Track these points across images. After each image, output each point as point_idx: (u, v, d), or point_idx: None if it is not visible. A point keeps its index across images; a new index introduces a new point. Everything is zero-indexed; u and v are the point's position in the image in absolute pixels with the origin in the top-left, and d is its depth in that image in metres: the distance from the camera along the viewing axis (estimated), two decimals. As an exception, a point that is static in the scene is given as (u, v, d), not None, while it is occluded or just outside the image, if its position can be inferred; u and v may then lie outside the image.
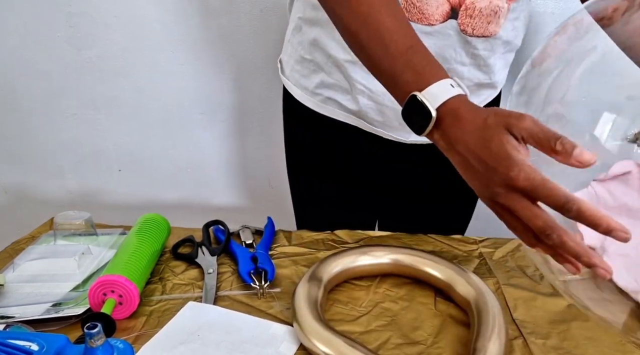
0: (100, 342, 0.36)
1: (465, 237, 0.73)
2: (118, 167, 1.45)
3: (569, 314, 0.55)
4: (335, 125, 0.74)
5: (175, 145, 1.40)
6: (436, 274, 0.59)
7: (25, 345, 0.38)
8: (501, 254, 0.69)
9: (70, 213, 0.70)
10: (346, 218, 0.80)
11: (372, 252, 0.62)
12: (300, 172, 0.84)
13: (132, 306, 0.54)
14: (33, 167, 1.46)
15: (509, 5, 0.63)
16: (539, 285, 0.61)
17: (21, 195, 1.50)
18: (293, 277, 0.63)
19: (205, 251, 0.67)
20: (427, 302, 0.58)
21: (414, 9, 0.61)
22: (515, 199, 0.39)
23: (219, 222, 0.74)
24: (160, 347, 0.50)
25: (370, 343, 0.51)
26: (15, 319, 0.51)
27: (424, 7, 0.60)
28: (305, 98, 0.74)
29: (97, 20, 1.25)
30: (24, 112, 1.37)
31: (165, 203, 1.48)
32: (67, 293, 0.56)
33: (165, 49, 1.28)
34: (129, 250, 0.60)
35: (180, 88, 1.31)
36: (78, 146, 1.42)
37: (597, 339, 0.51)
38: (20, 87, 1.34)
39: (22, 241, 0.71)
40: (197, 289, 0.60)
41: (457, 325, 0.54)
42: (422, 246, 0.71)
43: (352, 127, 0.74)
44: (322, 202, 0.84)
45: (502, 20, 0.63)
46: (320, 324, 0.49)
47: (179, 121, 1.35)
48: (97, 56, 1.29)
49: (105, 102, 1.35)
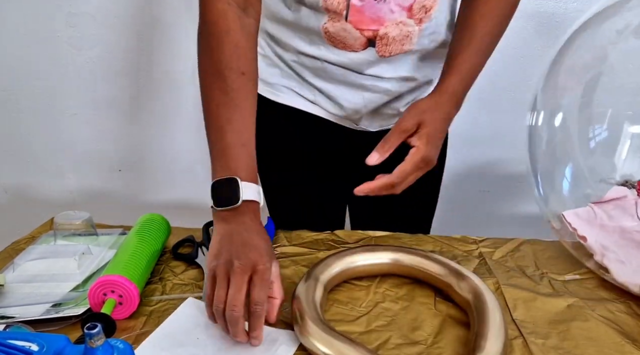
0: (100, 343, 0.36)
1: (465, 237, 0.73)
2: (118, 167, 1.45)
3: (569, 314, 0.55)
4: (297, 114, 0.78)
5: (175, 145, 1.40)
6: (436, 274, 0.59)
7: (25, 345, 0.38)
8: (501, 254, 0.69)
9: (70, 213, 0.70)
10: (317, 205, 0.84)
11: (372, 252, 0.62)
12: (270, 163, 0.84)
13: (132, 306, 0.54)
14: (33, 167, 1.46)
15: (420, 26, 0.68)
16: (539, 285, 0.61)
17: (21, 195, 1.50)
18: (293, 277, 0.63)
19: (205, 251, 0.67)
20: (427, 302, 0.58)
21: (336, 40, 0.69)
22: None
23: (219, 222, 0.74)
24: (159, 346, 0.50)
25: (370, 343, 0.51)
26: (15, 319, 0.51)
27: (344, 40, 0.68)
28: (266, 90, 0.78)
29: (97, 20, 1.25)
30: (24, 112, 1.37)
31: (165, 203, 1.48)
32: (67, 293, 0.56)
33: (165, 49, 1.28)
34: (129, 251, 0.60)
35: (180, 88, 1.31)
36: (78, 146, 1.42)
37: (597, 339, 0.51)
38: (20, 87, 1.34)
39: (22, 241, 0.71)
40: (197, 289, 0.60)
41: (457, 325, 0.54)
42: (422, 246, 0.71)
43: (315, 116, 0.78)
44: (293, 191, 0.85)
45: (416, 39, 0.69)
46: (320, 325, 0.49)
47: (179, 121, 1.36)
48: (97, 56, 1.29)
49: (105, 102, 1.35)
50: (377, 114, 0.78)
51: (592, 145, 0.74)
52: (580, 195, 0.72)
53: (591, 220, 0.66)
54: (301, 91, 0.77)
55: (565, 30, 0.73)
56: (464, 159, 1.33)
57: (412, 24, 0.67)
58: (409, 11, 0.66)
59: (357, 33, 0.67)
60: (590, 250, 0.64)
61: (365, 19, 0.66)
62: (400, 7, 0.66)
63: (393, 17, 0.66)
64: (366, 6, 0.65)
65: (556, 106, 0.75)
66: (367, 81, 0.73)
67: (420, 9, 0.66)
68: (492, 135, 1.33)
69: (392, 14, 0.66)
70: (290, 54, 0.74)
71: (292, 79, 0.77)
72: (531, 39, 1.19)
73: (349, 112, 0.78)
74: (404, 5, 0.66)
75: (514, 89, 1.27)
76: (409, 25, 0.67)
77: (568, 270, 0.65)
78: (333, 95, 0.76)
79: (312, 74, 0.75)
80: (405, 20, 0.67)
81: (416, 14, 0.67)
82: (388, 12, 0.66)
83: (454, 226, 1.45)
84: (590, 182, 0.72)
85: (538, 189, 0.75)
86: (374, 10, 0.66)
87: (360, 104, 0.77)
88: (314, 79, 0.75)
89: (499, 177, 1.39)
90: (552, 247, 0.71)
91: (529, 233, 0.76)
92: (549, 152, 0.75)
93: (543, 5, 1.16)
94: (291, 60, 0.74)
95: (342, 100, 0.76)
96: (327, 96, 0.76)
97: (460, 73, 0.65)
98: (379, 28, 0.67)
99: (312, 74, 0.75)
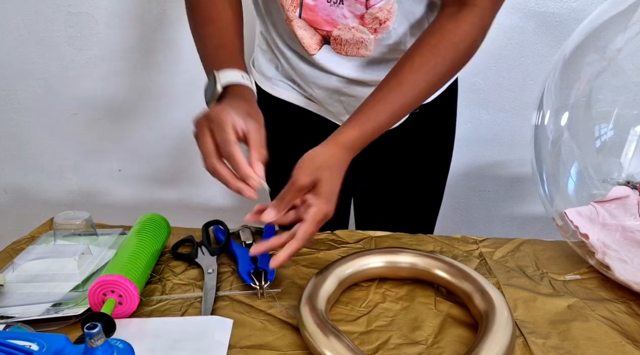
0: (100, 342, 0.36)
1: (466, 237, 0.73)
2: (118, 167, 1.45)
3: (569, 314, 0.55)
4: (294, 109, 0.81)
5: (175, 145, 1.40)
6: (456, 283, 0.57)
7: (25, 345, 0.38)
8: (501, 254, 0.69)
9: (70, 213, 0.70)
10: None
11: (388, 256, 0.61)
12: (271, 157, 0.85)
13: (132, 306, 0.54)
14: (33, 167, 1.46)
15: (375, 36, 0.68)
16: (539, 285, 0.61)
17: (21, 195, 1.50)
18: (293, 277, 0.63)
19: (205, 251, 0.67)
20: (427, 302, 0.58)
21: (296, 43, 0.71)
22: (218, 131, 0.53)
23: (219, 222, 0.74)
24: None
25: (370, 343, 0.51)
26: (15, 319, 0.51)
27: (302, 41, 0.69)
28: (266, 84, 0.81)
29: (97, 20, 1.25)
30: (24, 112, 1.37)
31: (165, 203, 1.48)
32: (67, 293, 0.56)
33: (165, 49, 1.28)
34: (129, 250, 0.60)
35: (180, 88, 1.31)
36: (78, 146, 1.42)
37: (597, 339, 0.51)
38: (20, 87, 1.34)
39: (22, 241, 0.71)
40: (197, 289, 0.60)
41: (457, 325, 0.54)
42: (423, 246, 0.71)
43: (312, 113, 0.80)
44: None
45: (372, 46, 0.69)
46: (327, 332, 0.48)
47: (179, 121, 1.36)
48: (97, 56, 1.29)
49: (105, 102, 1.35)
50: None
51: (598, 144, 0.74)
52: (586, 194, 0.73)
53: (593, 218, 0.66)
54: (295, 87, 0.80)
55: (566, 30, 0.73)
56: (464, 159, 1.33)
57: (367, 32, 0.67)
58: (361, 19, 0.66)
59: (312, 30, 0.68)
60: (592, 248, 0.64)
61: (319, 18, 0.67)
62: (353, 14, 0.66)
63: (346, 21, 0.67)
64: (319, 7, 0.66)
65: (562, 105, 0.75)
66: (340, 85, 0.74)
67: (372, 19, 0.66)
68: (492, 135, 1.33)
69: (345, 19, 0.67)
70: (279, 54, 0.76)
71: (287, 76, 0.79)
72: (531, 39, 1.19)
73: (335, 114, 0.80)
74: (356, 13, 0.66)
75: (514, 89, 1.27)
76: (363, 32, 0.67)
77: (568, 270, 0.65)
78: (319, 99, 0.79)
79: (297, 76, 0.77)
80: (359, 27, 0.67)
81: (369, 23, 0.66)
82: (341, 16, 0.67)
83: (454, 226, 1.46)
84: (596, 182, 0.72)
85: (543, 188, 0.75)
86: (327, 12, 0.66)
87: (340, 107, 0.78)
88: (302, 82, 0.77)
89: (500, 177, 1.39)
90: (552, 247, 0.71)
91: (529, 233, 0.76)
92: (554, 152, 0.75)
93: (543, 5, 1.16)
94: (282, 59, 0.77)
95: (326, 105, 0.79)
96: (315, 100, 0.79)
97: (364, 130, 0.59)
98: (332, 29, 0.68)
99: (298, 75, 0.77)
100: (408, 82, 0.60)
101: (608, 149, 0.74)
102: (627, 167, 0.72)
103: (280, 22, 0.72)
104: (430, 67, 0.60)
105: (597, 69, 0.75)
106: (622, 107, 0.74)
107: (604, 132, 0.74)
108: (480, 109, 1.28)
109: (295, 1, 0.65)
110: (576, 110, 0.74)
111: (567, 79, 0.76)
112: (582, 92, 0.75)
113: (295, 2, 0.65)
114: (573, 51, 0.75)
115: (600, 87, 0.74)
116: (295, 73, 0.77)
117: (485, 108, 1.27)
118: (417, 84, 0.60)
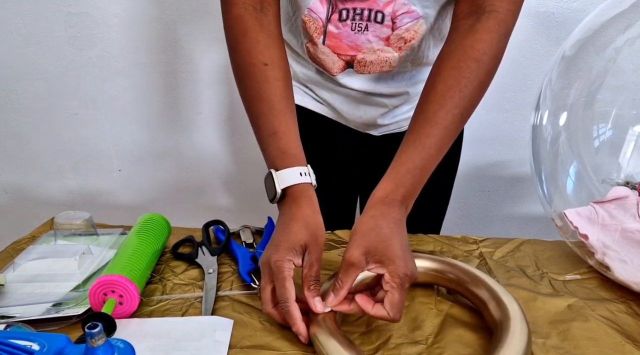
0: (101, 342, 0.36)
1: (466, 237, 0.73)
2: (118, 167, 1.45)
3: (569, 314, 0.55)
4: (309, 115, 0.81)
5: (176, 145, 1.40)
6: (474, 289, 0.55)
7: (26, 345, 0.38)
8: (501, 254, 0.69)
9: (70, 213, 0.70)
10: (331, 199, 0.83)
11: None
12: None
13: (133, 306, 0.54)
14: (33, 167, 1.46)
15: (400, 53, 0.68)
16: (539, 285, 0.61)
17: (21, 195, 1.50)
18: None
19: (206, 251, 0.67)
20: (428, 302, 0.58)
21: (317, 62, 0.71)
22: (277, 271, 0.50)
23: (219, 222, 0.74)
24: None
25: (370, 343, 0.51)
26: (15, 318, 0.51)
27: (324, 63, 0.70)
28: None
29: (97, 20, 1.25)
30: (24, 112, 1.38)
31: (165, 203, 1.48)
32: (68, 293, 0.56)
33: (165, 49, 1.28)
34: (129, 250, 0.60)
35: (180, 88, 1.31)
36: (78, 146, 1.42)
37: (597, 339, 0.51)
38: (20, 87, 1.34)
39: (23, 241, 0.71)
40: (197, 289, 0.60)
41: (457, 325, 0.54)
42: (423, 246, 0.71)
43: (324, 118, 0.81)
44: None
45: (396, 63, 0.69)
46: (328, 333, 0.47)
47: (179, 121, 1.36)
48: (97, 56, 1.29)
49: (105, 102, 1.36)
50: (377, 125, 0.81)
51: (597, 144, 0.74)
52: (585, 194, 0.73)
53: (592, 219, 0.66)
54: (307, 91, 0.81)
55: (566, 30, 0.73)
56: (464, 159, 1.33)
57: (391, 51, 0.67)
58: (387, 41, 0.66)
59: (335, 56, 0.68)
60: (592, 248, 0.64)
61: (342, 45, 0.67)
62: (378, 38, 0.66)
63: (370, 45, 0.67)
64: (343, 34, 0.66)
65: (561, 105, 0.75)
66: (357, 95, 0.75)
67: (398, 39, 0.66)
68: (492, 135, 1.33)
69: (370, 43, 0.67)
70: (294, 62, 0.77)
71: (300, 82, 0.80)
72: (531, 39, 1.20)
73: (350, 120, 0.80)
74: (381, 37, 0.66)
75: (514, 89, 1.27)
76: (388, 51, 0.67)
77: (568, 270, 0.65)
78: (336, 106, 0.79)
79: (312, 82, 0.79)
80: (384, 48, 0.67)
81: (394, 43, 0.66)
82: (366, 42, 0.67)
83: (454, 226, 1.46)
84: (595, 182, 0.72)
85: (542, 189, 0.75)
86: (352, 39, 0.66)
87: (356, 114, 0.79)
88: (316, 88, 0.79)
89: (499, 177, 1.40)
90: (552, 247, 0.71)
91: (529, 233, 0.76)
92: (553, 152, 0.75)
93: (543, 5, 1.16)
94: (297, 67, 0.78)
95: (343, 113, 0.79)
96: (330, 106, 0.80)
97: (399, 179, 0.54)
98: (356, 54, 0.68)
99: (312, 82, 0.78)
100: (436, 117, 0.55)
101: (607, 149, 0.74)
102: (625, 167, 0.72)
103: (299, 46, 0.73)
104: (456, 93, 0.55)
105: (597, 69, 0.75)
106: (621, 107, 0.74)
107: (603, 132, 0.74)
108: (480, 108, 1.28)
109: (319, 29, 0.65)
110: (575, 110, 0.74)
111: (566, 78, 0.76)
112: (581, 92, 0.75)
113: (319, 30, 0.65)
114: (572, 51, 0.75)
115: (600, 87, 0.74)
116: (310, 81, 0.78)
117: (485, 108, 1.28)
118: (446, 118, 0.55)
